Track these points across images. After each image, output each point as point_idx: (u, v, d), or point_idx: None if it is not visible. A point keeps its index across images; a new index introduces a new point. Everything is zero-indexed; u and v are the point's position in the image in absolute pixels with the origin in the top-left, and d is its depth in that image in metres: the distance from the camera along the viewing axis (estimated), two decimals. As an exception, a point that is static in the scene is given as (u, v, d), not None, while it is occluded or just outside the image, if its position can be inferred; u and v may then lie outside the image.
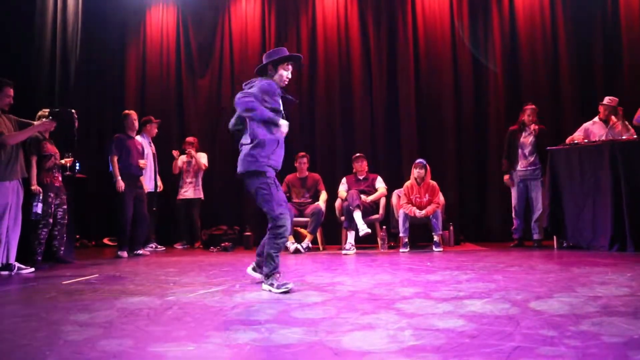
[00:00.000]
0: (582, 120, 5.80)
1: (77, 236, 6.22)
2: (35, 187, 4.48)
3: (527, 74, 6.96)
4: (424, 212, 5.61)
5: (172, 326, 2.15)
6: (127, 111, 5.88)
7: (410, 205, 5.70)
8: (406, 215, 5.64)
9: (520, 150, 5.74)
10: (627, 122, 5.39)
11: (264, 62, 3.19)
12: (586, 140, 5.30)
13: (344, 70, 7.34)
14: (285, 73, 3.18)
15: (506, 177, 5.87)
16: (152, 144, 6.35)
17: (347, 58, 7.34)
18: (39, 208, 4.50)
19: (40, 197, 4.52)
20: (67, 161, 5.01)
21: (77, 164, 5.42)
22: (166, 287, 3.21)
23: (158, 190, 6.39)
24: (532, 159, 5.68)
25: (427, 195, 5.73)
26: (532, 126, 5.73)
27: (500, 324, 2.01)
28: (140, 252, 5.62)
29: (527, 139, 5.73)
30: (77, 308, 2.56)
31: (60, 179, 4.88)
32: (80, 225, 6.35)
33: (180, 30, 7.74)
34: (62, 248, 4.87)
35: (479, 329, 1.95)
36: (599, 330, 1.88)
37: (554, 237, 5.42)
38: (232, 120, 3.34)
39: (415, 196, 5.74)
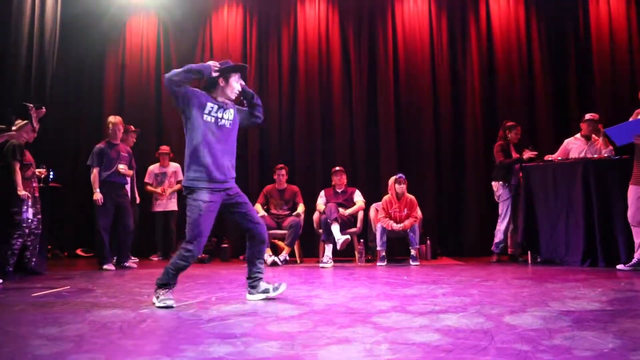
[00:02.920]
0: (557, 135, 5.94)
1: (49, 247, 6.05)
2: (23, 192, 4.36)
3: (504, 89, 7.14)
4: (401, 225, 5.66)
5: (146, 340, 2.10)
6: (110, 117, 5.70)
7: (388, 219, 5.74)
8: (384, 229, 5.67)
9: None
10: (607, 139, 5.49)
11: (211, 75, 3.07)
12: (560, 158, 5.41)
13: (324, 82, 7.39)
14: (236, 85, 3.13)
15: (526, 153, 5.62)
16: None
17: (328, 70, 7.40)
18: (29, 213, 4.43)
19: (30, 202, 4.42)
20: (40, 172, 4.89)
21: (52, 173, 5.29)
22: (140, 300, 3.15)
23: (136, 202, 6.30)
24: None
25: (405, 209, 5.78)
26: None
27: (475, 338, 2.02)
28: (127, 264, 5.47)
29: (517, 155, 5.76)
30: (47, 321, 2.49)
31: (37, 189, 4.78)
32: (53, 235, 6.20)
33: (160, 40, 7.70)
34: (34, 259, 4.73)
35: (455, 343, 1.96)
36: (570, 345, 1.91)
37: (529, 252, 5.50)
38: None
39: (395, 210, 5.78)
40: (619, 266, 4.48)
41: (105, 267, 5.22)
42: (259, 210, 5.98)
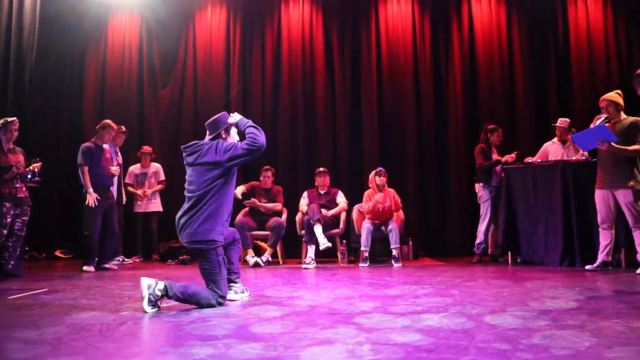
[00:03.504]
0: (537, 137, 6.04)
1: (27, 248, 5.93)
2: None
3: (486, 92, 7.22)
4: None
5: (126, 342, 2.08)
6: (108, 121, 5.61)
7: (372, 207, 5.78)
8: (369, 230, 5.68)
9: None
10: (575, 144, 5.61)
11: (216, 128, 3.22)
12: (539, 160, 5.50)
13: (307, 82, 7.39)
14: (236, 136, 3.31)
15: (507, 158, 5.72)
16: (119, 154, 6.21)
17: (311, 71, 7.40)
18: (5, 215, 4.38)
19: (7, 204, 4.36)
20: (34, 167, 4.83)
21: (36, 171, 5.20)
22: (120, 302, 3.11)
23: (122, 203, 6.23)
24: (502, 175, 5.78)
25: (388, 200, 5.84)
26: (507, 156, 5.70)
27: (456, 338, 2.04)
28: (107, 266, 5.40)
29: (498, 158, 5.83)
30: (24, 324, 2.44)
31: (24, 189, 4.70)
32: (31, 236, 6.08)
33: (143, 39, 7.60)
34: (12, 262, 4.64)
35: (436, 343, 1.98)
36: (549, 343, 1.95)
37: (509, 253, 5.58)
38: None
39: (378, 201, 5.81)
40: (587, 267, 4.61)
41: (85, 268, 5.14)
42: (237, 194, 5.75)
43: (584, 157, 5.19)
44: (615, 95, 4.51)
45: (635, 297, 3.02)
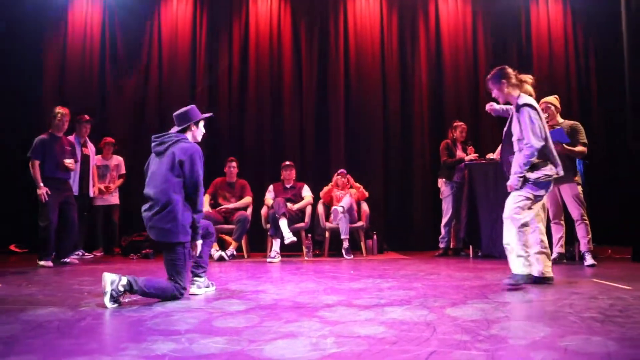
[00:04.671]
0: (499, 134, 6.16)
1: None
2: None
3: (451, 89, 7.36)
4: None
5: (85, 338, 2.03)
6: (58, 108, 5.38)
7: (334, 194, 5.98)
8: (343, 217, 5.75)
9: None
10: None
11: (185, 121, 3.22)
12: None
13: (274, 77, 7.34)
14: (203, 129, 3.37)
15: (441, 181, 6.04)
16: (87, 145, 6.03)
17: (279, 65, 7.35)
18: None
19: None
20: None
21: None
22: (79, 297, 3.03)
23: (92, 195, 6.05)
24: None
25: (348, 193, 6.07)
26: (470, 149, 5.96)
27: (419, 330, 2.09)
28: (67, 260, 5.24)
29: (462, 155, 5.95)
30: (-24, 320, 2.35)
31: None
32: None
33: (106, 25, 7.33)
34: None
35: (399, 335, 2.01)
36: (507, 334, 2.01)
37: (470, 247, 5.72)
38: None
39: (338, 193, 5.96)
40: None
41: (41, 263, 4.97)
42: (204, 204, 5.88)
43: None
44: (554, 99, 4.82)
45: (585, 288, 3.15)
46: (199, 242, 3.16)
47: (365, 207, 6.13)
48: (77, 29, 7.32)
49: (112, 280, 2.71)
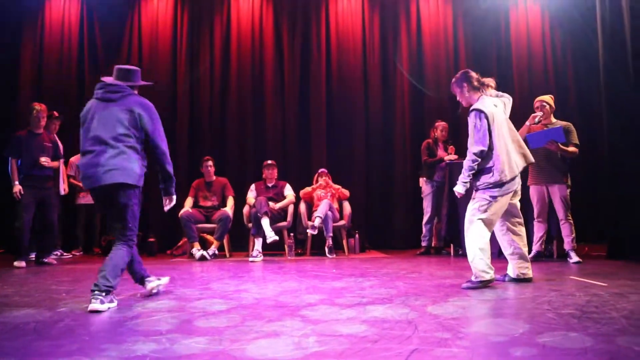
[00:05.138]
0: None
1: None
2: None
3: (431, 88, 7.41)
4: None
5: (64, 340, 1.99)
6: (34, 104, 5.28)
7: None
8: (327, 216, 5.74)
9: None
10: None
11: (131, 81, 3.14)
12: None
13: (256, 75, 7.31)
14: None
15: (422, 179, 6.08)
16: (59, 144, 5.93)
17: (260, 63, 7.32)
18: None
19: None
20: None
21: None
22: (57, 298, 2.97)
23: (63, 194, 5.95)
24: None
25: (330, 193, 6.10)
26: (451, 148, 5.99)
27: (400, 328, 2.10)
28: (47, 260, 5.14)
29: (443, 154, 6.01)
30: (-51, 323, 2.29)
31: None
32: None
33: (84, 20, 7.20)
34: None
35: (380, 333, 2.03)
36: (487, 331, 2.04)
37: (451, 245, 5.78)
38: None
39: (320, 193, 6.06)
40: None
41: (16, 263, 4.87)
42: (186, 205, 5.86)
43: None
44: (549, 98, 4.90)
45: (563, 286, 3.22)
46: (174, 197, 3.10)
47: (347, 206, 6.15)
48: (54, 23, 7.18)
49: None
